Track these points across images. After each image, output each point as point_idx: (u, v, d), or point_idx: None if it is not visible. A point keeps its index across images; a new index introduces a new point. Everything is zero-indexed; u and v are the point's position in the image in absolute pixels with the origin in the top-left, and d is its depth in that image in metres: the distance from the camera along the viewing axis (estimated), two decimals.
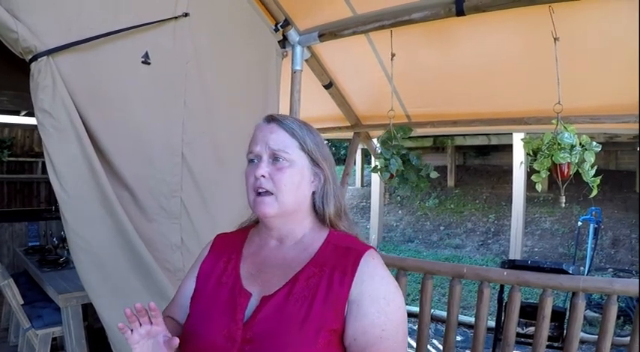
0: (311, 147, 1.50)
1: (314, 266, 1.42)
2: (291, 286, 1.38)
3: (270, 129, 1.48)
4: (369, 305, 1.33)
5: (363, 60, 4.22)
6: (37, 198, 8.40)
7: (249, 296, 1.42)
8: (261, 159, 1.46)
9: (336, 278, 1.36)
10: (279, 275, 1.44)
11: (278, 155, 1.45)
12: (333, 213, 1.54)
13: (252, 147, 1.49)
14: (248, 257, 1.56)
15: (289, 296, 1.36)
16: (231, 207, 3.28)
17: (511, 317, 3.28)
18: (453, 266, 3.76)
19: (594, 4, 2.93)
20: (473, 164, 14.34)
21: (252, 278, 1.47)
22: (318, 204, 1.54)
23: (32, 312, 3.98)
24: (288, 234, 1.52)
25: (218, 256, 1.62)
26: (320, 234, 1.53)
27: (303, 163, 1.49)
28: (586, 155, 2.89)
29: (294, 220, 1.51)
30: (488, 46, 3.64)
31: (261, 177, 1.43)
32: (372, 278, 1.37)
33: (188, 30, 3.00)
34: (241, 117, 3.44)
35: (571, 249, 9.07)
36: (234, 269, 1.52)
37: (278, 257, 1.50)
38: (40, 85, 2.31)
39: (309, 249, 1.48)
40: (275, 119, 1.51)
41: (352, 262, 1.39)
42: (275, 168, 1.45)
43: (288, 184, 1.44)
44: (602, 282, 3.22)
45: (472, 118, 4.38)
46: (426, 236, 11.75)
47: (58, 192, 2.41)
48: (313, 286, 1.37)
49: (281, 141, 1.46)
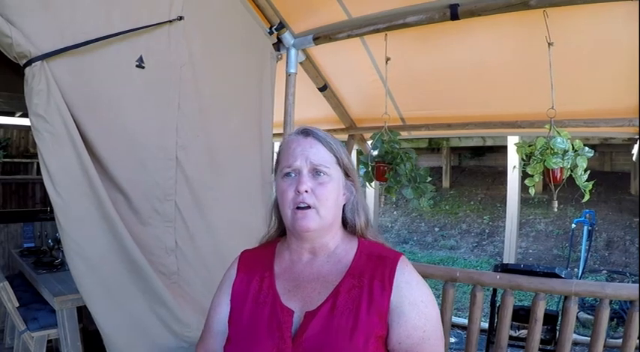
0: (345, 162, 1.55)
1: (352, 277, 1.45)
2: (334, 299, 1.41)
3: (310, 144, 1.50)
4: (410, 310, 1.39)
5: (357, 63, 4.23)
6: (32, 198, 8.36)
7: (291, 313, 1.43)
8: (302, 174, 1.47)
9: (376, 287, 1.41)
10: (318, 289, 1.46)
11: (319, 170, 1.47)
12: (364, 223, 1.59)
13: (291, 162, 1.49)
14: (281, 273, 1.56)
15: (334, 310, 1.39)
16: (226, 210, 3.29)
17: (504, 321, 3.29)
18: (446, 269, 3.76)
19: (588, 9, 2.94)
20: (468, 165, 14.34)
21: (290, 295, 1.49)
22: (350, 216, 1.58)
23: (27, 314, 3.97)
24: (322, 246, 1.54)
25: (249, 274, 1.61)
26: (351, 244, 1.56)
27: (339, 177, 1.53)
28: (578, 160, 2.91)
29: (329, 233, 1.53)
30: (483, 50, 3.66)
31: (304, 192, 1.44)
32: (409, 284, 1.42)
33: (182, 33, 2.99)
34: (236, 121, 3.45)
35: (565, 250, 9.08)
36: (270, 288, 1.53)
37: (313, 271, 1.52)
38: (35, 90, 2.31)
39: (343, 261, 1.51)
40: (312, 133, 1.53)
41: (389, 270, 1.44)
42: (316, 182, 1.47)
43: (330, 199, 1.47)
44: (594, 286, 3.23)
45: (466, 121, 4.39)
46: (421, 237, 11.75)
47: (52, 196, 2.41)
48: (355, 297, 1.40)
49: (321, 156, 1.49)
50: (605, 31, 3.15)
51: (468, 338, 3.42)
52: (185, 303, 2.96)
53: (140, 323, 2.76)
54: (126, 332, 2.71)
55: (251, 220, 3.52)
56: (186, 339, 2.90)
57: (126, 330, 2.71)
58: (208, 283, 3.13)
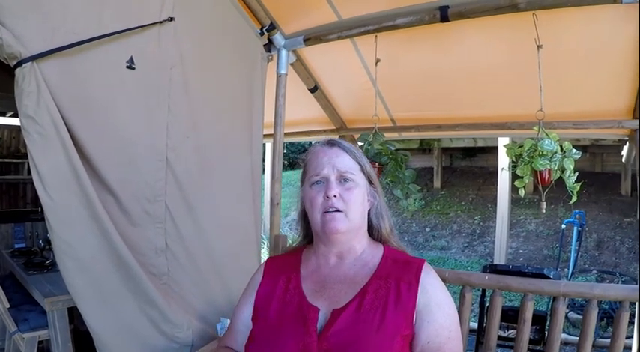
0: (368, 169, 1.66)
1: (378, 279, 1.52)
2: (361, 298, 1.48)
3: (336, 153, 1.62)
4: (437, 310, 1.47)
5: (348, 64, 4.24)
6: (23, 199, 8.31)
7: (317, 310, 1.49)
8: (329, 181, 1.56)
9: (403, 288, 1.48)
10: (345, 290, 1.53)
11: (346, 176, 1.58)
12: (389, 229, 1.69)
13: (319, 170, 1.59)
14: (308, 276, 1.63)
15: (360, 308, 1.45)
16: (217, 211, 3.30)
17: (493, 321, 3.31)
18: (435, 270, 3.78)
19: (577, 12, 2.96)
20: (459, 166, 14.36)
21: (316, 295, 1.55)
22: (375, 221, 1.68)
23: (18, 315, 3.95)
24: (350, 249, 1.61)
25: (275, 278, 1.67)
26: (377, 250, 1.65)
27: (364, 184, 1.63)
28: (565, 162, 2.92)
29: (357, 237, 1.62)
30: (473, 52, 3.67)
31: (333, 198, 1.53)
32: (434, 287, 1.51)
33: (173, 35, 3.00)
34: (226, 122, 3.46)
35: (555, 251, 9.12)
36: (296, 288, 1.59)
37: (340, 274, 1.59)
38: (25, 91, 2.30)
39: (369, 264, 1.59)
40: (337, 143, 1.65)
41: (415, 273, 1.52)
42: (344, 188, 1.57)
43: (357, 203, 1.57)
44: (582, 287, 3.25)
45: (456, 123, 4.41)
46: (412, 237, 11.76)
47: (42, 197, 2.41)
48: (382, 296, 1.47)
49: (347, 163, 1.60)
50: (594, 33, 3.17)
51: None
52: (175, 304, 2.97)
53: (130, 323, 2.76)
54: (116, 332, 2.71)
55: (241, 221, 3.54)
56: (177, 340, 2.91)
57: (116, 331, 2.72)
58: (199, 284, 3.14)
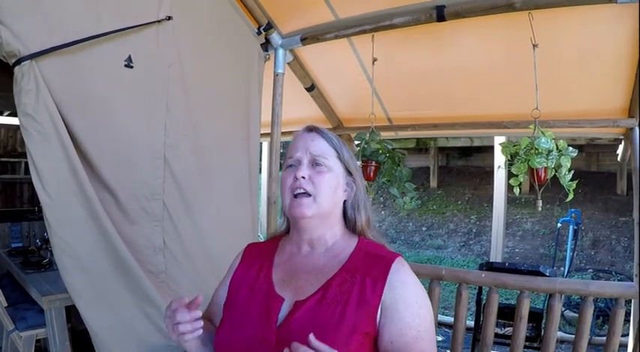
0: (346, 158, 1.62)
1: (346, 272, 1.49)
2: (324, 291, 1.45)
3: (312, 138, 1.60)
4: (404, 309, 1.41)
5: (345, 63, 4.24)
6: (20, 198, 8.29)
7: (281, 300, 1.48)
8: (301, 163, 1.55)
9: (369, 284, 1.43)
10: (311, 281, 1.50)
11: (318, 160, 1.55)
12: (364, 221, 1.64)
13: (293, 153, 1.59)
14: (280, 264, 1.62)
15: (322, 301, 1.43)
16: (214, 209, 3.30)
17: (489, 319, 3.33)
18: (432, 268, 3.79)
19: (573, 11, 2.97)
20: (455, 165, 14.37)
21: (284, 284, 1.53)
22: (350, 212, 1.64)
23: (16, 314, 3.95)
24: (320, 238, 1.59)
25: (250, 265, 1.67)
26: (350, 241, 1.61)
27: (339, 171, 1.60)
28: (562, 160, 2.94)
29: (326, 224, 1.59)
30: (469, 51, 3.68)
31: (302, 178, 1.52)
32: (404, 285, 1.45)
33: (171, 33, 3.00)
34: (224, 120, 3.46)
35: (551, 249, 9.14)
36: (266, 276, 1.59)
37: (310, 264, 1.57)
38: (24, 89, 2.31)
39: (340, 256, 1.55)
40: (316, 129, 1.63)
41: (383, 269, 1.46)
42: (315, 171, 1.54)
43: (326, 187, 1.54)
44: (578, 284, 3.28)
45: (452, 122, 4.41)
46: (409, 237, 11.79)
47: (41, 195, 2.42)
48: (346, 291, 1.43)
49: (321, 148, 1.58)
50: (590, 33, 3.17)
51: (454, 336, 3.45)
52: None
53: (128, 321, 2.77)
54: (114, 330, 2.72)
55: (238, 219, 3.54)
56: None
57: (114, 329, 2.72)
58: (196, 282, 3.14)
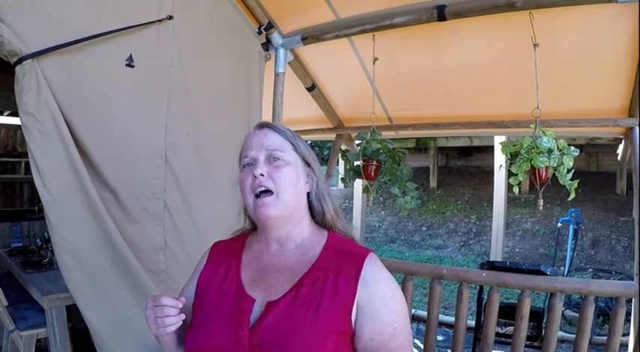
0: (303, 149, 1.57)
1: (317, 270, 1.44)
2: (297, 291, 1.40)
3: (265, 133, 1.55)
4: (381, 306, 1.39)
5: (345, 63, 4.24)
6: (20, 198, 8.30)
7: (252, 301, 1.43)
8: (258, 161, 1.50)
9: (342, 282, 1.40)
10: (282, 280, 1.46)
11: (275, 155, 1.50)
12: (333, 211, 1.60)
13: (247, 152, 1.54)
14: (248, 263, 1.57)
15: (295, 301, 1.38)
16: (215, 209, 3.29)
17: (490, 318, 3.33)
18: (433, 267, 3.80)
19: (573, 11, 2.97)
20: (455, 165, 14.40)
21: (254, 284, 1.49)
22: (317, 204, 1.59)
23: (16, 314, 3.95)
24: (288, 235, 1.54)
25: (217, 264, 1.62)
26: (319, 237, 1.56)
27: (298, 163, 1.54)
28: (564, 159, 2.94)
29: (294, 220, 1.54)
30: (470, 50, 3.68)
31: (260, 176, 1.46)
32: (377, 281, 1.41)
33: (172, 33, 3.00)
34: (225, 120, 3.45)
35: (551, 249, 9.15)
36: (235, 276, 1.54)
37: (279, 262, 1.52)
38: (25, 88, 2.31)
39: (310, 254, 1.51)
40: (267, 124, 1.59)
41: (356, 266, 1.42)
42: (272, 167, 1.49)
43: (287, 181, 1.48)
44: (579, 283, 3.28)
45: (453, 121, 4.42)
46: (408, 236, 11.79)
47: (42, 194, 2.41)
48: (319, 290, 1.39)
49: (276, 142, 1.53)
50: (590, 32, 3.17)
51: (454, 335, 3.45)
52: None
53: (129, 320, 2.76)
54: (115, 329, 2.71)
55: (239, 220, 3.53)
56: None
57: (115, 327, 2.71)
58: None
